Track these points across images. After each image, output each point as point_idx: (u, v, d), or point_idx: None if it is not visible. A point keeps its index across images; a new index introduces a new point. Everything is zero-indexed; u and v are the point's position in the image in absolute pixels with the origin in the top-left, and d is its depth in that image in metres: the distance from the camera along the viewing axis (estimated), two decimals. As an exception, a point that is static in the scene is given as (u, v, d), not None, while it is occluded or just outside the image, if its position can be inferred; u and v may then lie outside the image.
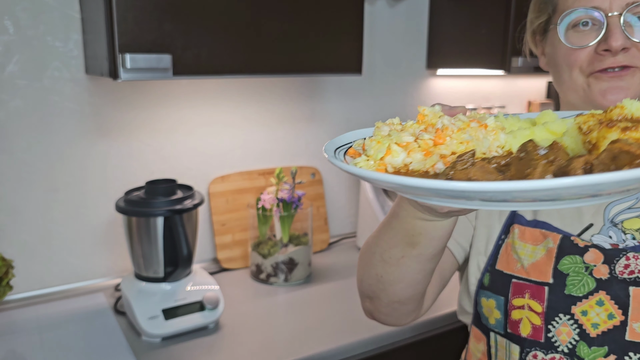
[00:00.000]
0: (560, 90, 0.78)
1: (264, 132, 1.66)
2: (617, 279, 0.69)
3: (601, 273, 0.70)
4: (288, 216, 1.47)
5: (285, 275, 1.46)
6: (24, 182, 1.33)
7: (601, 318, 0.69)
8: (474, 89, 2.10)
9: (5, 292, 1.20)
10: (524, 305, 0.73)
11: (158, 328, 1.15)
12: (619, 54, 0.69)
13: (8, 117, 1.29)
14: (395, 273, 0.68)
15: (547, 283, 0.72)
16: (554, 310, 0.71)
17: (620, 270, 0.69)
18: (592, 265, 0.71)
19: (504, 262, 0.76)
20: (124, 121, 1.43)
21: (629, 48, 0.70)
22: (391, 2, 1.81)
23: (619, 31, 0.68)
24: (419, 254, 0.64)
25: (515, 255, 0.75)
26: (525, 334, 0.73)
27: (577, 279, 0.71)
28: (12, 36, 1.25)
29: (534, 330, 0.72)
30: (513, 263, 0.75)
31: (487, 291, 0.78)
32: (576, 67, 0.73)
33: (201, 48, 1.13)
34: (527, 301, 0.73)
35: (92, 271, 1.45)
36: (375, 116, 1.86)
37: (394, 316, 0.77)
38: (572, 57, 0.73)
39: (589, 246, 0.72)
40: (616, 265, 0.70)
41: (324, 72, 1.32)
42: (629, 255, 0.70)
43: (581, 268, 0.71)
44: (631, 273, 0.69)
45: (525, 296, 0.73)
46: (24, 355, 1.11)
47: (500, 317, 0.76)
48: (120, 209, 1.21)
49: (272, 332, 1.21)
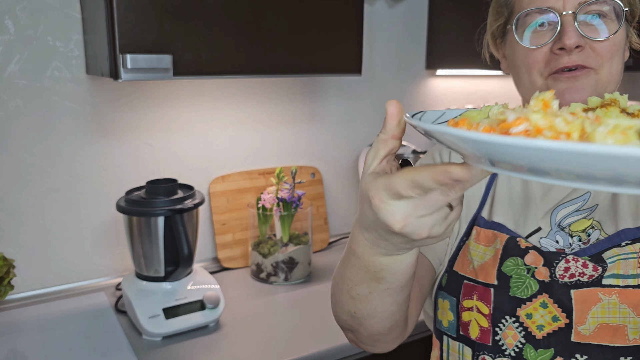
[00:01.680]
0: (521, 92, 0.77)
1: (264, 132, 1.66)
2: (559, 283, 0.68)
3: (543, 275, 0.70)
4: (288, 216, 1.47)
5: (285, 274, 1.47)
6: (24, 181, 1.33)
7: (546, 320, 0.68)
8: (473, 89, 2.10)
9: (6, 291, 1.21)
10: (472, 307, 0.72)
11: (159, 327, 1.15)
12: (574, 53, 0.68)
13: (8, 117, 1.29)
14: (367, 309, 0.63)
15: (493, 285, 0.71)
16: (500, 312, 0.70)
17: (561, 274, 0.69)
18: (534, 267, 0.70)
19: (460, 263, 0.76)
20: (124, 121, 1.43)
21: (584, 47, 0.68)
22: (391, 3, 1.81)
23: (573, 29, 0.67)
24: (387, 288, 0.59)
25: (469, 256, 0.75)
26: (474, 337, 0.72)
27: (520, 281, 0.70)
28: (13, 36, 1.25)
29: (482, 332, 0.72)
30: (467, 264, 0.75)
31: (443, 292, 0.77)
32: (534, 68, 0.72)
33: (202, 48, 1.13)
34: (475, 303, 0.72)
35: (93, 270, 1.46)
36: (375, 116, 1.87)
37: (377, 346, 0.73)
38: (530, 58, 0.72)
39: (529, 248, 0.71)
40: (556, 269, 0.69)
41: (324, 72, 1.32)
42: (569, 258, 0.69)
43: (523, 270, 0.70)
44: (572, 276, 0.68)
45: (473, 298, 0.72)
46: (25, 354, 1.11)
47: (453, 319, 0.75)
48: (121, 209, 1.21)
49: (272, 331, 1.21)
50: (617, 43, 0.69)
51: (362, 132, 1.85)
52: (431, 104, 2.00)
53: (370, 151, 0.49)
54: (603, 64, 0.69)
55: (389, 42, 1.84)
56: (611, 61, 0.69)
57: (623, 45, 0.70)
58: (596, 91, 0.70)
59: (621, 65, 0.71)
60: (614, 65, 0.69)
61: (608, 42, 0.68)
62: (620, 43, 0.70)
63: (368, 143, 1.85)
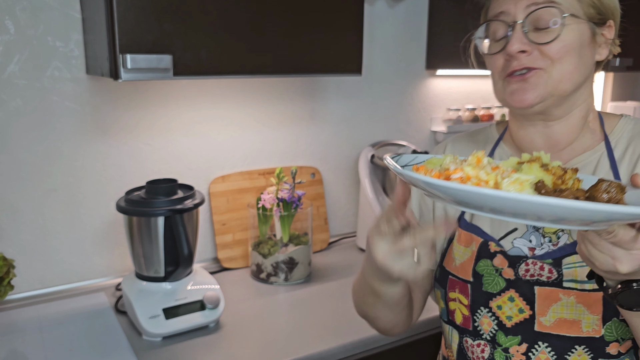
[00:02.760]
0: (494, 93, 0.84)
1: (264, 132, 1.66)
2: (522, 280, 0.79)
3: (509, 274, 0.81)
4: (288, 216, 1.47)
5: (285, 274, 1.47)
6: (24, 181, 1.33)
7: (513, 312, 0.79)
8: (473, 90, 2.10)
9: (6, 291, 1.21)
10: (455, 298, 0.85)
11: (159, 327, 1.15)
12: (522, 57, 0.75)
13: (8, 117, 1.29)
14: (373, 312, 0.88)
15: (469, 281, 0.83)
16: (476, 304, 0.82)
17: (523, 274, 0.80)
18: (501, 268, 0.81)
19: (447, 260, 0.88)
20: (124, 121, 1.43)
21: (531, 51, 0.75)
22: (391, 3, 1.81)
23: (517, 37, 0.74)
24: (385, 302, 0.81)
25: (453, 254, 0.87)
26: (458, 322, 0.86)
27: (490, 278, 0.81)
28: (13, 36, 1.25)
29: (464, 319, 0.85)
30: (451, 261, 0.87)
31: (437, 283, 0.90)
32: (496, 72, 0.80)
33: (201, 48, 1.13)
34: (457, 295, 0.85)
35: (92, 271, 1.46)
36: (375, 116, 1.87)
37: (388, 333, 0.94)
38: (492, 64, 0.80)
39: (497, 252, 0.82)
40: (518, 269, 0.80)
41: (324, 72, 1.32)
42: (529, 261, 0.80)
43: (492, 270, 0.82)
44: (532, 276, 0.79)
45: (456, 290, 0.85)
46: (25, 354, 1.11)
47: (443, 307, 0.89)
48: (121, 209, 1.21)
49: (272, 331, 1.21)
50: (568, 45, 0.74)
51: (362, 132, 1.85)
52: (431, 104, 2.00)
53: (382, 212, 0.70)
54: (553, 64, 0.75)
55: (389, 42, 1.84)
56: (561, 61, 0.75)
57: (578, 47, 0.75)
58: (547, 89, 0.76)
59: (574, 65, 0.76)
60: (564, 65, 0.75)
61: (555, 44, 0.74)
62: (573, 43, 0.75)
63: (368, 143, 1.85)
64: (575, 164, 0.80)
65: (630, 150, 0.79)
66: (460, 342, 0.86)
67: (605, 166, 0.79)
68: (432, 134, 2.03)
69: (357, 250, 1.75)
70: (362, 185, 1.70)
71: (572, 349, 0.76)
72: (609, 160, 0.79)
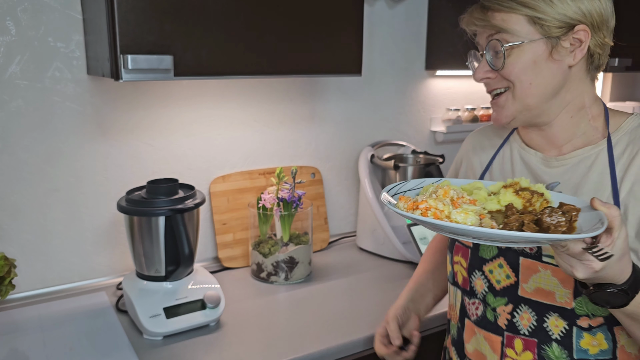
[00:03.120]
0: None
1: (265, 132, 1.66)
2: (511, 250, 0.89)
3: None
4: (288, 215, 1.48)
5: (285, 273, 1.47)
6: (25, 181, 1.34)
7: (501, 277, 0.90)
8: (472, 90, 2.11)
9: (7, 291, 1.21)
10: (458, 262, 0.98)
11: (159, 326, 1.16)
12: (489, 81, 0.89)
13: (9, 118, 1.29)
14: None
15: (470, 247, 0.95)
16: (472, 267, 0.94)
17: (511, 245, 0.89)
18: None
19: None
20: (125, 121, 1.44)
21: (495, 75, 0.87)
22: (391, 3, 1.82)
23: (481, 66, 0.88)
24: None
25: None
26: (460, 283, 0.98)
27: (485, 246, 0.92)
28: (14, 37, 1.26)
29: (463, 280, 0.97)
30: None
31: (448, 249, 1.03)
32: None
33: (202, 49, 1.13)
34: (459, 258, 0.98)
35: (93, 270, 1.46)
36: (375, 116, 1.87)
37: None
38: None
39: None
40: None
41: (324, 72, 1.33)
42: None
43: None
44: (518, 247, 0.88)
45: (459, 254, 0.98)
46: (26, 354, 1.11)
47: (450, 270, 1.02)
48: (122, 209, 1.22)
49: (272, 330, 1.22)
50: (518, 66, 0.83)
51: (362, 132, 1.86)
52: (431, 104, 2.00)
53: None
54: (514, 83, 0.85)
55: (389, 42, 1.85)
56: (521, 79, 0.84)
57: (531, 65, 0.83)
58: (515, 107, 0.87)
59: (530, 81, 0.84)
60: (522, 83, 0.84)
61: (507, 68, 0.84)
62: (524, 64, 0.83)
63: (368, 143, 1.86)
64: (573, 157, 0.87)
65: (629, 150, 0.83)
66: (462, 301, 0.99)
67: (603, 162, 0.84)
68: (432, 134, 2.03)
69: (357, 249, 1.75)
70: (362, 185, 1.71)
71: (548, 314, 0.85)
72: (608, 156, 0.83)
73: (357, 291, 1.43)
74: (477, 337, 0.95)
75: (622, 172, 0.82)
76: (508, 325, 0.89)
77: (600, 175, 0.83)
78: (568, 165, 0.87)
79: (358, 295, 1.41)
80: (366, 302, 1.36)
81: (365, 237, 1.73)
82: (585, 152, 0.86)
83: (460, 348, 1.00)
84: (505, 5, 0.82)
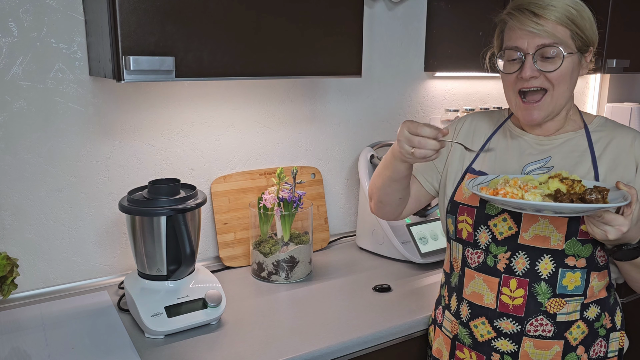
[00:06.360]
0: (506, 99, 1.13)
1: (265, 133, 1.67)
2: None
3: None
4: (289, 215, 1.49)
5: (286, 273, 1.48)
6: (28, 182, 1.35)
7: (504, 229, 1.07)
8: (471, 91, 2.12)
9: (9, 290, 1.22)
10: (463, 220, 1.13)
11: (161, 325, 1.17)
12: (531, 80, 1.04)
13: (12, 118, 1.30)
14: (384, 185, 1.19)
15: (476, 206, 1.11)
16: (478, 223, 1.11)
17: None
18: None
19: (458, 194, 1.16)
20: (127, 122, 1.45)
21: (538, 76, 1.03)
22: (390, 5, 1.83)
23: (529, 65, 1.03)
24: (394, 178, 1.14)
25: (463, 190, 1.15)
26: (464, 237, 1.13)
27: (491, 205, 1.09)
28: (16, 38, 1.27)
29: (468, 235, 1.12)
30: (462, 195, 1.15)
31: (449, 214, 1.17)
32: (510, 87, 1.09)
33: (203, 50, 1.14)
34: (465, 217, 1.13)
35: (95, 269, 1.47)
36: (375, 117, 1.88)
37: (383, 211, 1.26)
38: (507, 80, 1.09)
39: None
40: None
41: (324, 74, 1.34)
42: None
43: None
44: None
45: (464, 214, 1.13)
46: (28, 352, 1.12)
47: (453, 229, 1.16)
48: (124, 209, 1.22)
49: (273, 329, 1.23)
50: (564, 72, 1.03)
51: (362, 133, 1.87)
52: (430, 105, 2.01)
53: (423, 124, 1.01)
54: (554, 86, 1.04)
55: (389, 44, 1.86)
56: (560, 84, 1.04)
57: (570, 73, 1.04)
58: (549, 108, 1.06)
59: (569, 85, 1.06)
60: (561, 87, 1.05)
61: (556, 72, 1.02)
62: (567, 71, 1.03)
63: (368, 143, 1.87)
64: (559, 138, 1.11)
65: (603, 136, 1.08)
66: (463, 252, 1.14)
67: (583, 143, 1.09)
68: (431, 134, 2.04)
69: (356, 249, 1.76)
70: (362, 185, 1.72)
71: (540, 257, 1.04)
72: (587, 139, 1.09)
73: (357, 290, 1.44)
74: (475, 280, 1.11)
75: (600, 152, 1.07)
76: (506, 268, 1.07)
77: (581, 153, 1.07)
78: (555, 144, 1.10)
79: (358, 294, 1.42)
80: (366, 301, 1.37)
81: (365, 237, 1.74)
82: (569, 136, 1.10)
83: (460, 292, 1.15)
84: (559, 18, 1.00)
